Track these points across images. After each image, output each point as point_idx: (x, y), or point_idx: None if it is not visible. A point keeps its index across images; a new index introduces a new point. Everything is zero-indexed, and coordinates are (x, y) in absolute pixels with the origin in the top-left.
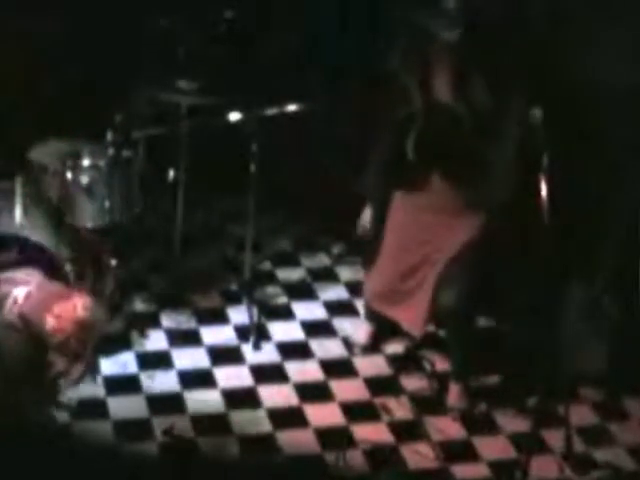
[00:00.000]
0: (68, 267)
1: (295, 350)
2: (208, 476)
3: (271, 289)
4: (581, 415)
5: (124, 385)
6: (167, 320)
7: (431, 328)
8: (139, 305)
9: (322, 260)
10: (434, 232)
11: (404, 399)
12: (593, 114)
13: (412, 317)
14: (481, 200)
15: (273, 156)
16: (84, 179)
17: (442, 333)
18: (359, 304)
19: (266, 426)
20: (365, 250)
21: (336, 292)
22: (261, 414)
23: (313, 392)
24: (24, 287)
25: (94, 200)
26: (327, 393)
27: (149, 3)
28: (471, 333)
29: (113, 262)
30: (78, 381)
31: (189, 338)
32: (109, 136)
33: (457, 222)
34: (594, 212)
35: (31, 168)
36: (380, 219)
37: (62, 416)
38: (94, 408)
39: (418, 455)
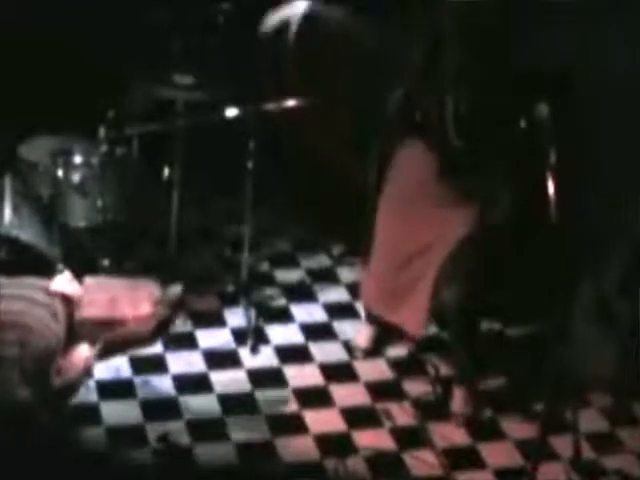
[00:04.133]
0: (60, 267)
1: (294, 354)
2: None
3: (269, 291)
4: (590, 421)
5: (117, 390)
6: None
7: (434, 331)
8: None
9: (322, 261)
10: (427, 224)
11: (407, 404)
12: (602, 110)
13: (411, 316)
14: (477, 191)
15: (272, 154)
16: (76, 177)
17: (446, 335)
18: (360, 306)
19: (264, 431)
20: (362, 250)
21: (336, 294)
22: (260, 418)
23: (313, 397)
24: None
25: (86, 198)
26: (327, 398)
27: None
28: (475, 333)
29: (106, 262)
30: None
31: (184, 341)
32: (102, 132)
33: (451, 214)
34: (603, 211)
35: (21, 165)
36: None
37: None
38: (86, 413)
39: (421, 462)
